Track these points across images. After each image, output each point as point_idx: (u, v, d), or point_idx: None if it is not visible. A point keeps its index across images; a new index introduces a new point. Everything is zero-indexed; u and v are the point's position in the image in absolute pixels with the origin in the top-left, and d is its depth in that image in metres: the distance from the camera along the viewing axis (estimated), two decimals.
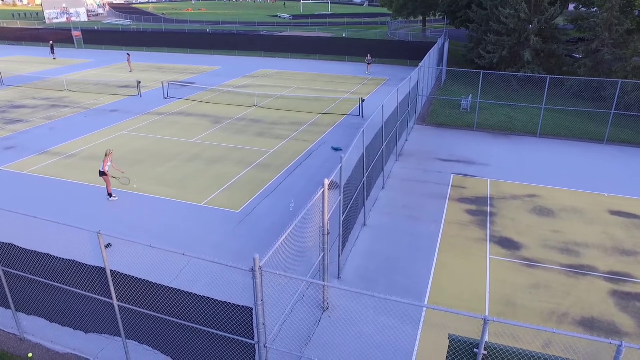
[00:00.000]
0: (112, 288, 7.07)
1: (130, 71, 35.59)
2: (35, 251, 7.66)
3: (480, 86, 21.16)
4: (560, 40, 28.59)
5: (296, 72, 35.40)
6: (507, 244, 11.82)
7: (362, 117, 22.34)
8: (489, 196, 14.45)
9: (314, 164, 16.73)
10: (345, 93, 28.12)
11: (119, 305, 7.24)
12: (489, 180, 15.61)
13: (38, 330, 8.75)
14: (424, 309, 9.29)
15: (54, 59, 41.80)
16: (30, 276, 7.84)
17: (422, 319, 9.05)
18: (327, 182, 8.06)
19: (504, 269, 10.77)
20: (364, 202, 12.24)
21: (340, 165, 9.00)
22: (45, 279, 7.72)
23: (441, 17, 53.12)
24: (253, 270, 5.69)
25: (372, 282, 10.12)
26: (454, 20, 41.52)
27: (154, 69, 37.26)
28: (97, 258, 8.02)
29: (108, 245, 11.52)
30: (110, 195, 13.87)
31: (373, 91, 28.63)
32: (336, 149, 18.01)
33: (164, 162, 16.98)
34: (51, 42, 43.43)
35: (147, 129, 21.13)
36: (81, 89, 29.75)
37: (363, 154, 11.43)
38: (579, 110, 22.52)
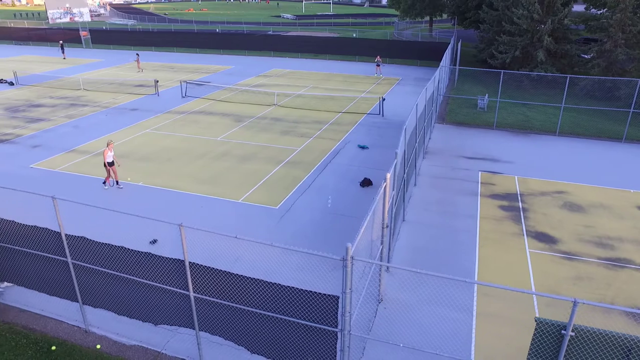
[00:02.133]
0: (189, 280, 7.29)
1: (138, 71, 35.49)
2: (108, 244, 7.88)
3: (500, 86, 21.50)
4: (572, 40, 29.02)
5: (308, 71, 35.65)
6: (544, 238, 12.13)
7: (383, 115, 22.63)
8: (518, 192, 14.76)
9: (342, 162, 16.99)
10: (361, 92, 28.41)
11: (194, 297, 7.45)
12: (516, 177, 15.93)
13: (102, 322, 8.95)
14: (475, 298, 9.59)
15: (64, 58, 41.85)
16: (102, 269, 8.04)
17: (475, 309, 9.35)
18: (388, 176, 8.33)
19: (544, 261, 11.08)
20: (403, 198, 12.52)
21: (396, 160, 9.28)
22: (117, 271, 7.93)
23: (449, 18, 53.54)
24: (344, 259, 5.94)
25: (420, 274, 10.38)
26: (462, 20, 41.90)
27: (165, 68, 37.40)
28: (175, 250, 8.25)
29: (154, 241, 11.75)
30: (104, 183, 14.84)
31: (388, 90, 28.94)
32: (362, 147, 18.28)
33: (194, 159, 17.19)
34: (61, 41, 43.46)
35: (170, 127, 21.32)
36: (96, 88, 29.86)
37: (404, 151, 11.69)
38: (594, 109, 22.92)
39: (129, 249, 7.71)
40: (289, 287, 6.55)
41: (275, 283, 6.70)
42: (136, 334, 8.71)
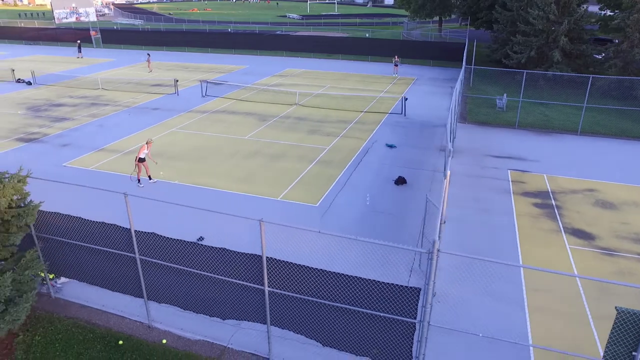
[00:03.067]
0: (265, 274, 7.48)
1: (149, 71, 35.50)
2: (181, 240, 8.06)
3: (523, 86, 21.77)
4: (587, 40, 29.28)
5: (324, 71, 35.85)
6: (581, 234, 12.38)
7: (405, 115, 22.86)
8: (549, 190, 15.01)
9: (373, 160, 17.22)
10: (379, 92, 28.64)
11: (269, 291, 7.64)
12: (545, 175, 16.18)
13: (165, 318, 9.14)
14: (524, 292, 9.82)
15: (82, 57, 42.03)
16: (172, 264, 8.21)
17: (526, 303, 9.59)
18: (449, 173, 8.55)
19: (585, 257, 11.32)
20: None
21: (449, 157, 9.49)
22: (189, 267, 8.10)
23: (456, 18, 53.76)
24: (430, 252, 6.16)
25: (467, 270, 10.61)
26: (474, 21, 42.15)
27: (179, 68, 37.57)
28: (254, 245, 8.42)
29: (200, 239, 11.95)
30: (139, 181, 15.07)
31: (405, 90, 29.17)
32: (390, 146, 18.50)
33: (226, 158, 17.40)
34: (79, 41, 43.69)
35: (195, 126, 21.50)
36: (114, 87, 30.02)
37: (447, 149, 11.92)
38: (613, 108, 23.16)
39: (199, 244, 7.90)
40: (370, 280, 6.77)
41: (356, 276, 6.91)
42: (199, 328, 8.90)
